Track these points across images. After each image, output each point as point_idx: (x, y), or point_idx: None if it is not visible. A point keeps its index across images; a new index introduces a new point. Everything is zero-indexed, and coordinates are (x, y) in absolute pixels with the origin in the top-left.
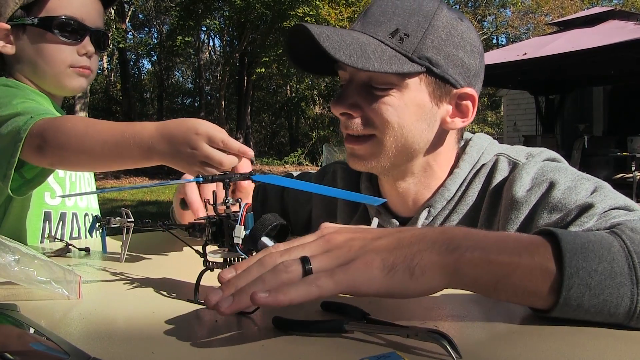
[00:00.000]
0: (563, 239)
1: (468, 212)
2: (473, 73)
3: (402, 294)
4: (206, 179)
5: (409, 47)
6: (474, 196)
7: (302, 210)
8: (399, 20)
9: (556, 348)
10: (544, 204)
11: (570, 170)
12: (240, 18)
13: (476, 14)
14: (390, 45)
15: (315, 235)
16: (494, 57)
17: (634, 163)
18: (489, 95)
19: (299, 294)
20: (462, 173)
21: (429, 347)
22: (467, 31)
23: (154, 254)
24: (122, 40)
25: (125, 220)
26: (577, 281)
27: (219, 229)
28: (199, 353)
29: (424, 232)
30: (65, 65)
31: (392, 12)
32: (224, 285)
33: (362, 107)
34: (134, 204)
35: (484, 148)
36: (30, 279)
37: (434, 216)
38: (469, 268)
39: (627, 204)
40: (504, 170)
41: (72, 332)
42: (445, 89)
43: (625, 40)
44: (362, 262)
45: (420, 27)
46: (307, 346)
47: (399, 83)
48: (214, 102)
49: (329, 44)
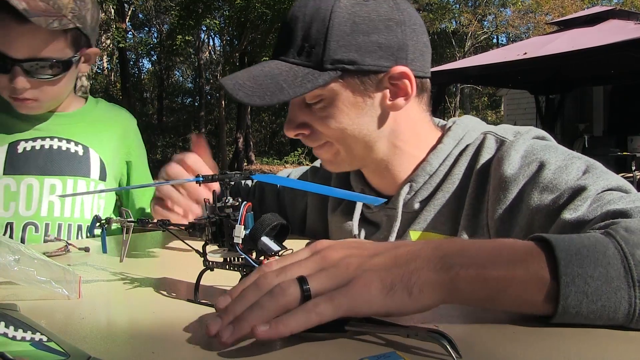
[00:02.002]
0: (557, 246)
1: (455, 192)
2: (397, 48)
3: (400, 312)
4: (206, 179)
5: (316, 59)
6: (460, 175)
7: (300, 203)
8: (302, 34)
9: (556, 347)
10: (535, 184)
11: (560, 149)
12: (240, 17)
13: (476, 14)
14: (300, 64)
15: (309, 250)
16: (494, 57)
17: (634, 162)
18: (489, 95)
19: (299, 323)
20: (446, 148)
21: (429, 347)
22: (376, 9)
23: (154, 254)
24: (122, 40)
25: (125, 220)
26: (574, 289)
27: (218, 228)
28: (199, 353)
29: (419, 249)
30: (7, 95)
31: (295, 29)
32: (222, 314)
33: (309, 123)
34: None
35: (469, 126)
36: (30, 278)
37: (416, 190)
38: (465, 285)
39: (619, 184)
40: (491, 149)
41: (72, 332)
42: (371, 78)
43: (625, 40)
44: (360, 283)
45: (320, 33)
46: (307, 345)
47: (325, 94)
48: (214, 102)
49: (243, 94)
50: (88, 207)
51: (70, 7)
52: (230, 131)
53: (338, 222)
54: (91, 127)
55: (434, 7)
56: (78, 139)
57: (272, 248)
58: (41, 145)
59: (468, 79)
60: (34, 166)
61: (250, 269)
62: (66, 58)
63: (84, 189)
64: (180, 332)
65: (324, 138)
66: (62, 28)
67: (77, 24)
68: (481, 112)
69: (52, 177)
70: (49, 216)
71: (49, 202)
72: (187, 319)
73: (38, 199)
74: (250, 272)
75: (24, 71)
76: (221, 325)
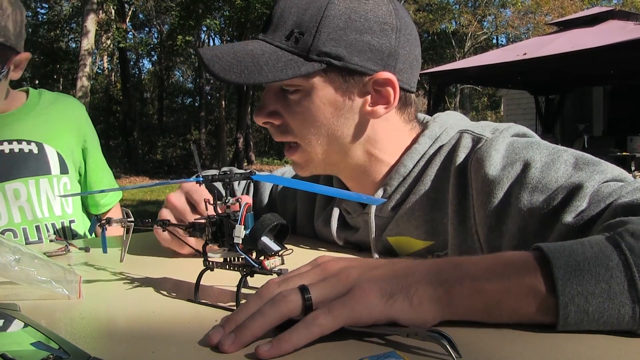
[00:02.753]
0: (555, 262)
1: (428, 194)
2: (388, 53)
3: (402, 320)
4: (206, 179)
5: (303, 47)
6: (433, 175)
7: (289, 204)
8: (294, 19)
9: (556, 348)
10: (522, 185)
11: (543, 145)
12: (240, 18)
13: (476, 14)
14: (286, 48)
15: (310, 264)
16: (494, 57)
17: (634, 163)
18: (488, 95)
19: (301, 338)
20: (420, 148)
21: (429, 346)
22: (374, 9)
23: (154, 253)
24: (123, 40)
25: (125, 220)
26: (574, 309)
27: (219, 228)
28: (199, 353)
29: (415, 265)
30: None
31: (288, 12)
32: (224, 322)
33: (280, 113)
34: (134, 203)
35: (447, 123)
36: (31, 278)
37: (390, 194)
38: (461, 299)
39: (614, 174)
40: (467, 147)
41: (73, 332)
42: (355, 79)
43: (625, 40)
44: (359, 292)
45: (313, 22)
46: (306, 345)
47: (305, 85)
48: (214, 102)
49: (219, 67)
50: (57, 204)
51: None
52: (230, 131)
53: (321, 228)
54: (40, 121)
55: (434, 8)
56: (30, 137)
57: (272, 248)
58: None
59: (468, 79)
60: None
61: (250, 269)
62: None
63: (47, 187)
64: (180, 332)
65: (291, 133)
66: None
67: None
68: (481, 112)
69: (12, 181)
70: (23, 221)
71: (19, 207)
72: (187, 319)
73: (5, 206)
74: (251, 272)
75: None
76: (223, 334)
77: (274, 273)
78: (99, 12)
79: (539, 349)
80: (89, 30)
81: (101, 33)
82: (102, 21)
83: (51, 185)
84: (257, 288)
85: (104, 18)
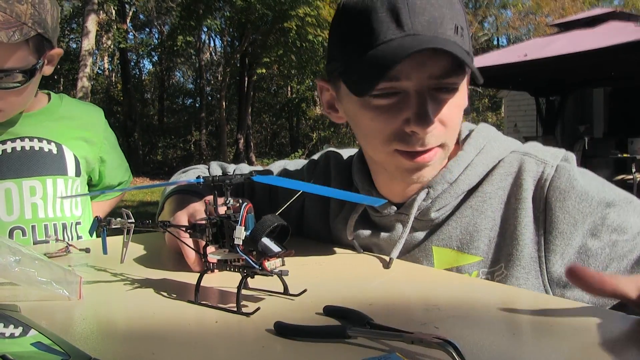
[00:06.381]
0: None
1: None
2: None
3: None
4: (206, 180)
5: (466, 44)
6: (494, 194)
7: (295, 202)
8: (450, 13)
9: (559, 349)
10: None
11: (606, 184)
12: (241, 18)
13: (477, 15)
14: (457, 42)
15: None
16: (495, 58)
17: (634, 165)
18: (489, 97)
19: None
20: (467, 156)
21: (432, 353)
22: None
23: (154, 254)
24: (123, 41)
25: (126, 221)
26: None
27: (219, 230)
28: (199, 354)
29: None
30: None
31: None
32: None
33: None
34: (134, 204)
35: (490, 136)
36: (31, 279)
37: (434, 198)
38: None
39: None
40: (533, 172)
41: (73, 333)
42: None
43: (625, 42)
44: None
45: (464, 20)
46: (308, 349)
47: (459, 81)
48: (215, 103)
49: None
50: (67, 205)
51: (29, 13)
52: (231, 132)
53: (340, 228)
54: (61, 125)
55: None
56: (50, 137)
57: (272, 249)
58: (12, 147)
59: (469, 81)
60: (8, 170)
61: (251, 270)
62: (30, 66)
63: (62, 187)
64: (181, 333)
65: (442, 137)
66: (24, 38)
67: (39, 30)
68: (482, 113)
69: (30, 178)
70: (33, 218)
71: (32, 204)
72: (188, 320)
73: (19, 202)
74: (251, 273)
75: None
76: None
77: (274, 274)
78: (100, 13)
79: (540, 350)
80: (89, 30)
81: (102, 33)
82: (102, 22)
83: (66, 186)
84: (258, 289)
85: (105, 18)
